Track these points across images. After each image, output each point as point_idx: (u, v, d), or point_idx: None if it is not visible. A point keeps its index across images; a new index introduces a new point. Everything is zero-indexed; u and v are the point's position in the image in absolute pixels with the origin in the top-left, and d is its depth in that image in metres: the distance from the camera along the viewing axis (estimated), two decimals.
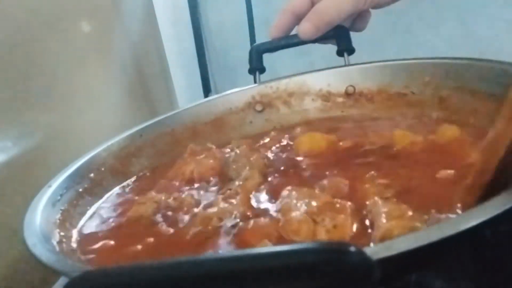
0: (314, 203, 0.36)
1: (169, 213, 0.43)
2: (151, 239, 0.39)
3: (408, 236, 0.24)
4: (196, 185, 0.48)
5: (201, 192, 0.46)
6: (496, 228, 0.33)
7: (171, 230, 0.40)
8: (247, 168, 0.47)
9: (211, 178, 0.48)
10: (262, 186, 0.44)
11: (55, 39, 0.65)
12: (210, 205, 0.42)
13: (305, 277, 0.19)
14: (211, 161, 0.50)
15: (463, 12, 1.17)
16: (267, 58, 0.64)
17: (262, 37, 0.66)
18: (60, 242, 0.39)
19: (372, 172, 0.41)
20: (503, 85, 0.43)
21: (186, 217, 0.42)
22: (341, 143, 0.49)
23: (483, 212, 0.25)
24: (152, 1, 0.98)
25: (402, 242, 0.24)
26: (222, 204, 0.41)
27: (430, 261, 0.30)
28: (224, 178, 0.48)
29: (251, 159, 0.48)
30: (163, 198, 0.45)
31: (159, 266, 0.21)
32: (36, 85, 0.60)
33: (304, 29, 0.58)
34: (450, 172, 0.38)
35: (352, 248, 0.20)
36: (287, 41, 0.62)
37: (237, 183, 0.44)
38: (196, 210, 0.43)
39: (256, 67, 0.64)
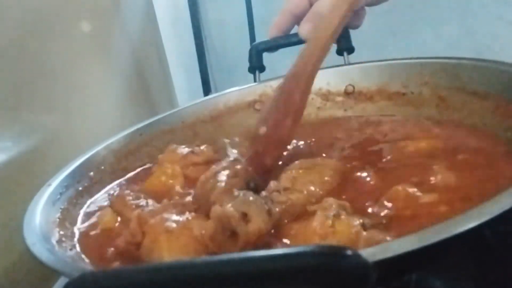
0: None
1: None
2: None
3: (405, 238, 0.24)
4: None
5: None
6: (496, 228, 0.33)
7: None
8: None
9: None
10: None
11: (55, 39, 0.65)
12: None
13: (302, 280, 0.19)
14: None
15: (463, 12, 1.17)
16: (267, 57, 0.64)
17: (262, 37, 0.66)
18: (59, 241, 0.39)
19: None
20: (502, 86, 0.43)
21: None
22: None
23: (482, 213, 0.25)
24: (152, 1, 0.98)
25: (399, 244, 0.24)
26: None
27: (427, 263, 0.30)
28: None
29: None
30: None
31: (157, 268, 0.21)
32: (36, 85, 0.60)
33: (305, 29, 0.58)
34: None
35: (349, 251, 0.20)
36: (286, 40, 0.62)
37: None
38: None
39: (256, 66, 0.64)
